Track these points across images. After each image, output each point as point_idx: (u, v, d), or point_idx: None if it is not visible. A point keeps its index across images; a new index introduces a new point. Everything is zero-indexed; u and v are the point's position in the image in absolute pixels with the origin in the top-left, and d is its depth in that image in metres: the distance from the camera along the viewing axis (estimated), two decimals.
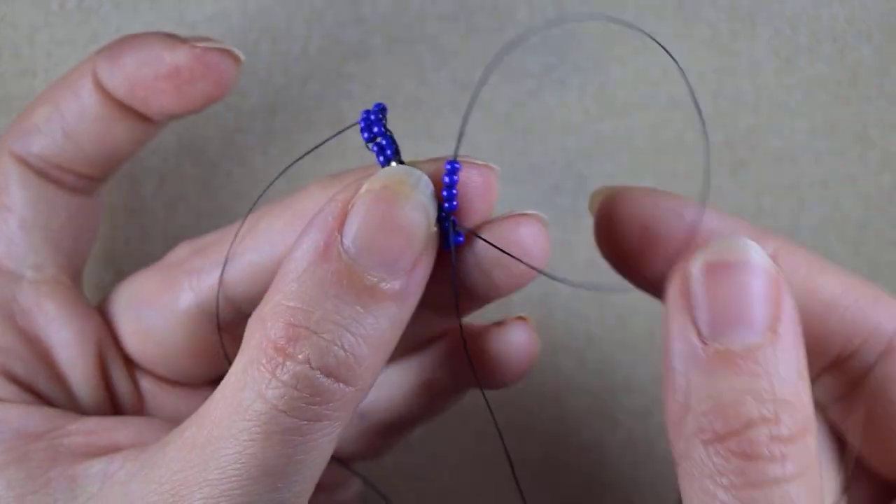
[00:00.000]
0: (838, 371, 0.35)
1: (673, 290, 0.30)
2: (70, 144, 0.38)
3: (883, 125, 0.48)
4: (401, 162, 0.34)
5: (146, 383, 0.40)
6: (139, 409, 0.40)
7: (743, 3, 0.47)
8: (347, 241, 0.31)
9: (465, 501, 0.49)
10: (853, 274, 0.34)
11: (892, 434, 0.34)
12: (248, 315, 0.34)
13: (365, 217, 0.31)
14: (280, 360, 0.30)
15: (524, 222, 0.34)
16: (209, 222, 0.47)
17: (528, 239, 0.34)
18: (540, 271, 0.34)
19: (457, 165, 0.33)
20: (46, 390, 0.38)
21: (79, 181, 0.39)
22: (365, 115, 0.34)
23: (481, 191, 0.33)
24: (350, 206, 0.31)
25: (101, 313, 0.40)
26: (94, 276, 0.46)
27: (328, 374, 0.30)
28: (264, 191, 0.37)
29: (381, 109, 0.34)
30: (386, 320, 0.31)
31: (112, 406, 0.39)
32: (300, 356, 0.30)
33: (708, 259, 0.30)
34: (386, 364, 0.33)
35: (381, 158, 0.34)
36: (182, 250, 0.39)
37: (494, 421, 0.35)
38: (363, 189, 0.32)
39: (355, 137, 0.48)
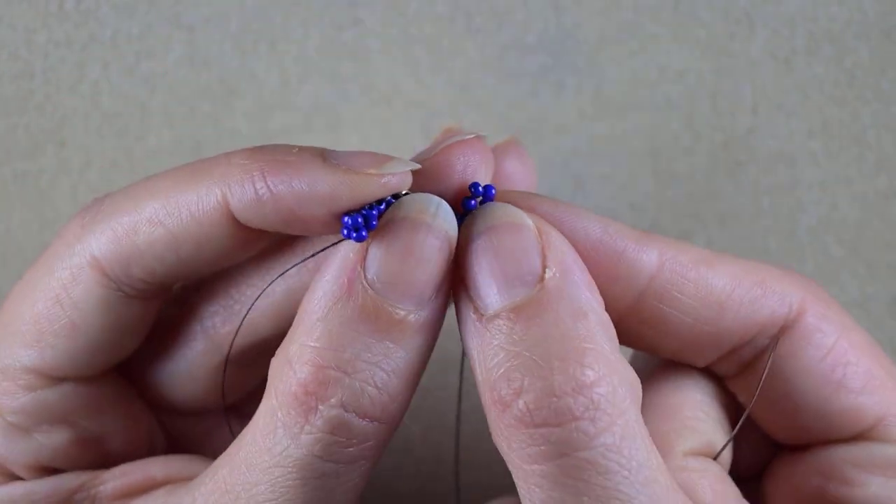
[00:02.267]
0: (734, 355, 0.35)
1: (452, 256, 0.30)
2: (181, 270, 0.34)
3: (880, 127, 0.48)
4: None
5: (166, 423, 0.39)
6: (170, 451, 0.39)
7: (741, 4, 0.47)
8: (371, 275, 0.30)
9: None
10: (741, 262, 0.34)
11: (783, 405, 0.34)
12: (261, 348, 0.34)
13: (387, 249, 0.30)
14: (312, 404, 0.29)
15: (510, 152, 0.35)
16: None
17: (513, 166, 0.35)
18: None
19: (492, 192, 0.32)
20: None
21: (165, 292, 0.36)
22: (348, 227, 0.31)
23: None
24: (370, 240, 0.30)
25: (126, 366, 0.38)
26: None
27: (363, 416, 0.30)
28: (262, 291, 0.35)
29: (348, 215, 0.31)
30: (416, 352, 0.30)
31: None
32: (333, 400, 0.29)
33: (473, 231, 0.30)
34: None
35: (355, 235, 0.31)
36: (190, 295, 0.37)
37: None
38: (382, 222, 0.30)
39: (351, 138, 0.48)
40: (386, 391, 0.30)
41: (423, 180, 0.32)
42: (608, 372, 0.29)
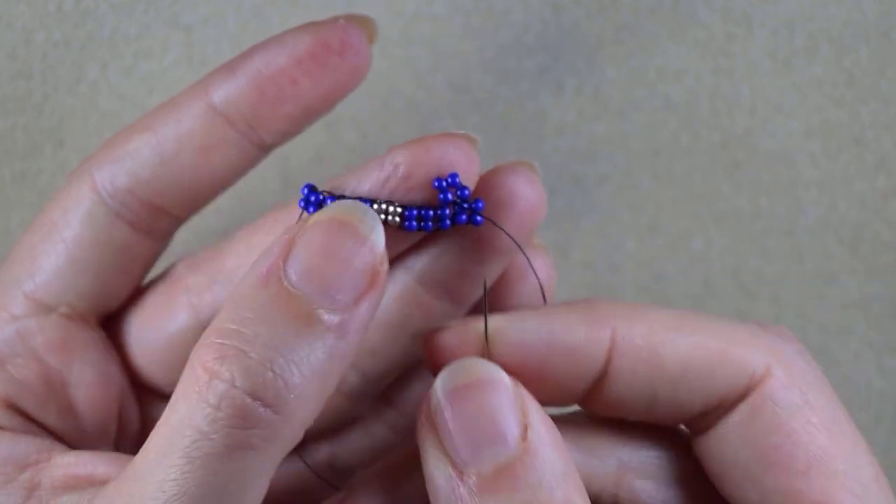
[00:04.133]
0: (698, 420, 0.34)
1: (421, 422, 0.30)
2: (163, 173, 0.36)
3: (879, 127, 0.48)
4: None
5: (153, 409, 0.39)
6: (143, 436, 0.39)
7: (739, 5, 0.47)
8: (290, 268, 0.30)
9: None
10: (704, 328, 0.33)
11: (732, 471, 0.33)
12: None
13: (308, 246, 0.30)
14: (206, 379, 0.29)
15: (518, 171, 0.34)
16: (207, 236, 0.47)
17: (523, 187, 0.34)
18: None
19: (480, 205, 0.33)
20: (54, 423, 0.37)
21: (155, 219, 0.37)
22: (304, 199, 0.34)
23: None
24: (297, 237, 0.31)
25: (108, 331, 0.39)
26: None
27: (254, 397, 0.29)
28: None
29: (310, 188, 0.33)
30: (323, 351, 0.30)
31: (117, 436, 0.39)
32: (225, 374, 0.29)
33: (446, 386, 0.30)
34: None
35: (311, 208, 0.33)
36: (179, 267, 0.39)
37: None
38: (312, 219, 0.31)
39: (349, 135, 0.48)
40: (282, 378, 0.29)
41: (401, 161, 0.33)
42: None
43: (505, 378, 0.30)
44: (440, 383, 0.30)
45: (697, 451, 0.35)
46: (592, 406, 0.34)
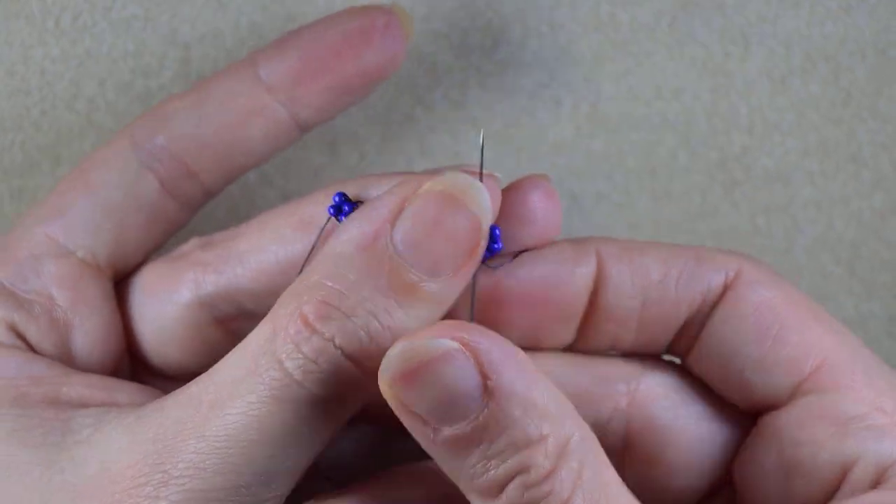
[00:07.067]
0: (684, 333, 0.36)
1: (385, 392, 0.30)
2: (200, 133, 0.38)
3: (876, 145, 0.48)
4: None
5: (140, 380, 0.40)
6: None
7: (736, 23, 0.47)
8: (397, 235, 0.31)
9: None
10: (672, 245, 0.36)
11: (727, 367, 0.35)
12: (249, 312, 0.36)
13: (418, 215, 0.31)
14: (307, 333, 0.31)
15: (537, 183, 0.35)
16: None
17: (540, 203, 0.35)
18: None
19: (496, 232, 0.34)
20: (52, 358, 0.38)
21: (184, 181, 0.39)
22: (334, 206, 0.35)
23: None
24: (407, 203, 0.32)
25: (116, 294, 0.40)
26: None
27: (349, 357, 0.31)
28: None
29: (342, 196, 0.35)
30: (415, 320, 0.31)
31: None
32: (326, 333, 0.31)
33: (394, 373, 0.30)
34: None
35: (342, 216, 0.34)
36: (190, 244, 0.39)
37: None
38: (424, 188, 0.32)
39: (350, 157, 0.48)
40: (377, 343, 0.31)
41: None
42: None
43: (447, 347, 0.29)
44: (387, 373, 0.30)
45: (691, 368, 0.37)
46: (589, 329, 0.36)
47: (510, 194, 0.35)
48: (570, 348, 0.37)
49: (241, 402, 0.31)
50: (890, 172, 0.48)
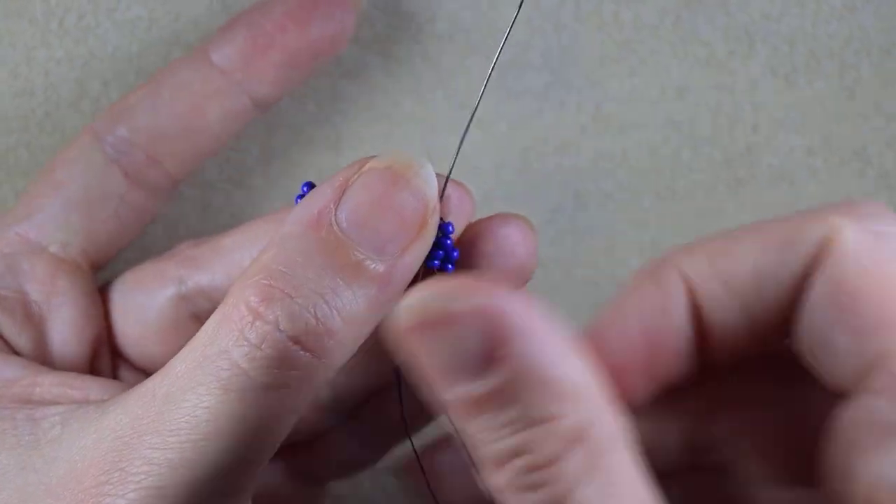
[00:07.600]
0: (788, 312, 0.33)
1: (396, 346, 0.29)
2: (159, 122, 0.39)
3: (881, 143, 0.48)
4: None
5: (123, 376, 0.40)
6: None
7: (741, 21, 0.47)
8: (342, 214, 0.31)
9: None
10: (750, 233, 0.34)
11: (811, 336, 0.32)
12: None
13: (362, 193, 0.31)
14: (250, 318, 0.30)
15: (511, 221, 0.34)
16: None
17: (515, 237, 0.34)
18: None
19: (449, 229, 0.33)
20: (27, 355, 0.38)
21: (149, 170, 0.39)
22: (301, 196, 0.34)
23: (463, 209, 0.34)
24: (350, 182, 0.31)
25: (101, 291, 0.40)
26: None
27: (295, 341, 0.30)
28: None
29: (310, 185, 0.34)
30: (365, 301, 0.31)
31: None
32: (270, 317, 0.30)
33: (408, 321, 0.28)
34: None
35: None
36: (183, 245, 0.40)
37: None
38: (366, 167, 0.32)
39: (354, 157, 0.48)
40: (323, 323, 0.30)
41: None
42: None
43: (475, 306, 0.27)
44: (404, 321, 0.28)
45: (797, 348, 0.33)
46: (710, 353, 0.33)
47: (486, 228, 0.34)
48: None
49: (191, 394, 0.30)
50: (894, 170, 0.48)
